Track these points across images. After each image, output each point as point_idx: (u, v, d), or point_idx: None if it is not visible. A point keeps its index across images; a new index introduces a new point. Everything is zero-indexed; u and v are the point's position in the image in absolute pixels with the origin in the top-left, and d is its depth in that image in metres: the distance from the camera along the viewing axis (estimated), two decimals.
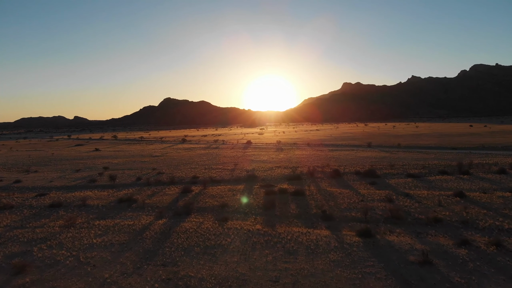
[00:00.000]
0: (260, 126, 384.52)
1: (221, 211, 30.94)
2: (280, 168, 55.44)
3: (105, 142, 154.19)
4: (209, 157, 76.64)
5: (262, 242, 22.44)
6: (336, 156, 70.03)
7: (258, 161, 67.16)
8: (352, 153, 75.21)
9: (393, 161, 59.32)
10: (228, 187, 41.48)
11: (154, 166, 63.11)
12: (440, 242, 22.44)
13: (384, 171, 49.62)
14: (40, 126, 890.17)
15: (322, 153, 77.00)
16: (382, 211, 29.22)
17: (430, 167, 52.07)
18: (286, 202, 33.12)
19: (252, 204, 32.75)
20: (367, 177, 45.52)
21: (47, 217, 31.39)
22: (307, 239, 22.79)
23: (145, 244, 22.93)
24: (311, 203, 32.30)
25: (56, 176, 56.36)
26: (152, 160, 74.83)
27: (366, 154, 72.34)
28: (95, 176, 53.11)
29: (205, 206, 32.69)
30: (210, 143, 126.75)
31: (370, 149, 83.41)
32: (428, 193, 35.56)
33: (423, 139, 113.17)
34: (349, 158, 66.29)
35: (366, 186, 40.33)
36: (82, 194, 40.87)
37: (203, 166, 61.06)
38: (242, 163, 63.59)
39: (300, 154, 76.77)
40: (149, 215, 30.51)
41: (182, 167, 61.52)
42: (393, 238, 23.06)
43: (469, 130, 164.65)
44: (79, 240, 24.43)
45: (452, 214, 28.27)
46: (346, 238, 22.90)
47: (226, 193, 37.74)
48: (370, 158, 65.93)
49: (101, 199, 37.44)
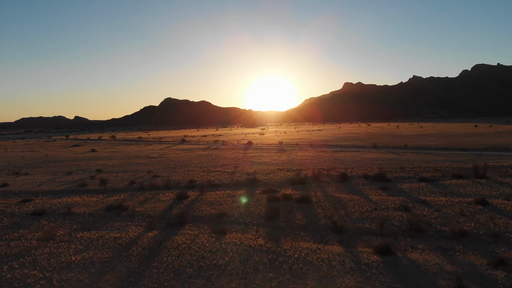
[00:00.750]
0: (261, 126, 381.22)
1: (219, 221, 27.84)
2: (283, 171, 52.31)
3: (102, 143, 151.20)
4: (208, 159, 73.55)
5: (265, 262, 19.30)
6: (341, 158, 66.87)
7: (259, 163, 64.05)
8: (357, 155, 72.04)
9: (403, 163, 56.15)
10: (228, 192, 38.37)
11: (150, 169, 60.03)
12: (471, 262, 19.31)
13: (395, 174, 46.47)
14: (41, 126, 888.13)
15: (326, 155, 73.84)
16: (399, 222, 26.09)
17: (443, 170, 48.91)
18: (291, 210, 30.00)
19: (253, 213, 29.64)
20: (377, 181, 42.38)
21: (27, 227, 28.34)
22: (318, 258, 19.65)
23: (130, 264, 19.82)
24: (319, 212, 29.17)
25: (46, 179, 53.31)
26: (149, 161, 71.75)
27: (372, 156, 69.17)
28: (87, 180, 50.06)
29: (201, 215, 29.58)
30: (210, 144, 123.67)
31: (376, 150, 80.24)
32: (446, 200, 32.41)
33: (429, 139, 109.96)
34: (355, 160, 63.13)
35: (377, 191, 37.20)
36: (70, 200, 37.81)
37: (201, 169, 57.96)
38: (243, 165, 60.50)
39: (303, 156, 73.63)
40: (138, 225, 27.42)
41: (180, 169, 58.42)
42: (417, 256, 19.93)
43: (475, 130, 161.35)
44: (56, 257, 21.34)
45: (478, 225, 25.14)
46: (363, 257, 19.76)
47: (225, 200, 34.63)
48: (377, 160, 62.75)
49: (88, 206, 34.35)
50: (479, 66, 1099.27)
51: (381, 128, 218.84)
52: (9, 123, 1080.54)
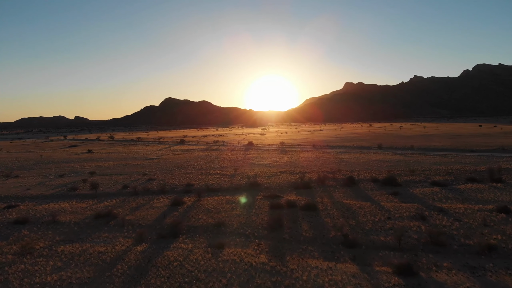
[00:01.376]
0: (261, 126, 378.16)
1: (217, 232, 25.16)
2: (286, 174, 49.60)
3: (100, 143, 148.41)
4: (207, 160, 70.84)
5: (269, 286, 16.60)
6: (346, 160, 64.09)
7: (260, 165, 61.34)
8: (363, 156, 69.26)
9: (411, 166, 53.42)
10: (227, 197, 35.68)
11: (146, 171, 57.34)
12: (508, 285, 16.65)
13: (405, 177, 43.73)
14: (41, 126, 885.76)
15: (330, 156, 71.07)
16: (418, 234, 23.39)
17: (455, 173, 46.17)
18: (296, 219, 27.29)
19: (254, 222, 26.95)
20: (387, 185, 39.67)
21: (5, 238, 25.70)
22: (330, 280, 16.95)
23: (112, 287, 17.15)
24: (327, 222, 26.46)
25: (36, 182, 50.66)
26: (145, 163, 69.05)
27: (378, 157, 66.40)
28: (78, 183, 47.38)
29: (197, 224, 26.89)
30: (210, 144, 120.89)
31: (382, 152, 77.44)
32: (465, 207, 29.66)
33: (434, 140, 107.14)
34: (360, 162, 60.38)
35: (388, 197, 34.49)
36: (57, 206, 35.17)
37: (199, 171, 55.26)
38: (243, 168, 57.80)
39: (306, 157, 70.86)
40: (127, 237, 24.76)
41: (177, 172, 55.74)
42: (443, 278, 17.24)
43: (480, 130, 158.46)
44: (31, 276, 18.70)
45: (506, 238, 22.46)
46: (382, 279, 17.06)
47: (224, 206, 31.93)
48: (384, 161, 60.00)
49: (76, 214, 31.69)
50: (480, 66, 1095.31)
51: (383, 128, 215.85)
52: (9, 123, 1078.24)
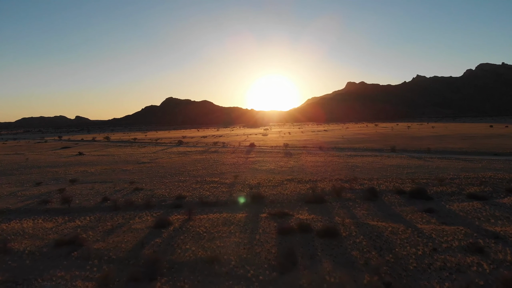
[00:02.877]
0: (263, 127, 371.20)
1: (208, 272, 18.69)
2: (293, 183, 43.07)
3: (94, 145, 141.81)
4: (204, 165, 64.36)
5: None
6: (359, 165, 57.46)
7: (264, 170, 54.86)
8: (377, 160, 62.63)
9: (435, 172, 46.86)
10: (224, 216, 29.19)
11: (134, 178, 50.91)
12: None
13: (434, 188, 37.18)
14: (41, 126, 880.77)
15: (340, 160, 64.44)
16: (483, 279, 16.85)
17: (491, 183, 39.59)
18: (313, 253, 20.77)
19: (258, 256, 20.49)
20: (416, 198, 33.16)
21: None
22: None
23: None
24: (355, 257, 19.93)
25: (7, 192, 44.31)
26: (136, 168, 62.58)
27: (395, 162, 59.76)
28: (53, 194, 41.00)
29: (183, 259, 20.42)
30: (209, 146, 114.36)
31: (397, 155, 70.73)
32: None
33: (448, 141, 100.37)
34: (376, 167, 53.81)
35: (423, 215, 27.98)
36: (18, 226, 28.80)
37: (195, 178, 48.78)
38: (244, 174, 51.33)
39: (314, 161, 64.26)
40: (88, 279, 18.32)
41: (169, 179, 49.27)
42: None
43: (492, 131, 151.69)
44: None
45: None
46: None
47: (219, 230, 25.44)
48: (403, 167, 53.38)
49: (35, 239, 25.27)
50: (484, 66, 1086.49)
51: (391, 129, 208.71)
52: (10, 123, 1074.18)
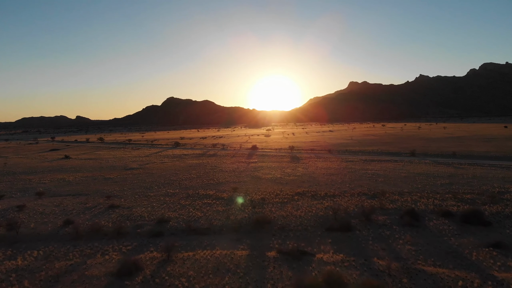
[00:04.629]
0: (266, 127, 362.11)
1: None
2: (307, 198, 34.74)
3: (86, 146, 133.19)
4: (200, 172, 56.09)
5: None
6: (380, 173, 48.97)
7: (268, 180, 46.56)
8: (398, 167, 54.17)
9: (475, 184, 38.41)
10: (217, 254, 20.89)
11: (114, 190, 42.62)
12: None
13: (486, 208, 28.79)
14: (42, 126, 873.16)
15: (357, 166, 55.96)
16: None
17: None
18: None
19: None
20: (471, 224, 24.82)
21: None
22: None
23: None
24: None
25: None
26: (121, 176, 54.27)
27: (420, 169, 51.26)
28: (9, 213, 32.80)
29: None
30: (207, 148, 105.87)
31: (419, 160, 62.16)
32: None
33: (469, 144, 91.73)
34: (401, 176, 45.39)
35: (491, 253, 19.78)
36: None
37: (185, 191, 40.47)
38: (245, 185, 43.04)
39: (326, 168, 55.83)
40: None
41: (155, 191, 40.98)
42: None
43: (509, 132, 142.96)
44: None
45: None
46: None
47: (209, 283, 17.14)
48: (434, 176, 44.89)
49: None
50: (487, 65, 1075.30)
51: (400, 129, 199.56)
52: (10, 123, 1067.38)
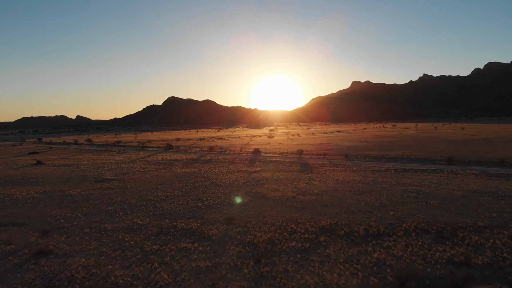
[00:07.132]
0: (268, 127, 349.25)
1: None
2: (340, 240, 22.54)
3: (69, 149, 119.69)
4: (187, 187, 43.92)
5: None
6: (426, 190, 36.51)
7: (277, 201, 34.43)
8: (444, 180, 41.71)
9: None
10: None
11: (63, 217, 30.52)
12: None
13: None
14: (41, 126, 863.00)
15: (389, 180, 43.58)
16: None
17: None
18: None
19: None
20: None
21: None
22: None
23: None
24: None
25: None
26: (84, 194, 42.00)
27: (475, 184, 38.85)
28: None
29: None
30: (203, 152, 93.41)
31: (463, 170, 49.68)
32: None
33: (505, 147, 79.33)
34: (457, 196, 32.95)
35: None
36: None
37: (159, 222, 28.31)
38: (245, 211, 30.90)
39: (350, 181, 43.51)
40: None
41: (114, 224, 28.81)
42: None
43: None
44: None
45: None
46: None
47: None
48: (504, 197, 32.59)
49: None
50: (492, 64, 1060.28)
51: (415, 130, 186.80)
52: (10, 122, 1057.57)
